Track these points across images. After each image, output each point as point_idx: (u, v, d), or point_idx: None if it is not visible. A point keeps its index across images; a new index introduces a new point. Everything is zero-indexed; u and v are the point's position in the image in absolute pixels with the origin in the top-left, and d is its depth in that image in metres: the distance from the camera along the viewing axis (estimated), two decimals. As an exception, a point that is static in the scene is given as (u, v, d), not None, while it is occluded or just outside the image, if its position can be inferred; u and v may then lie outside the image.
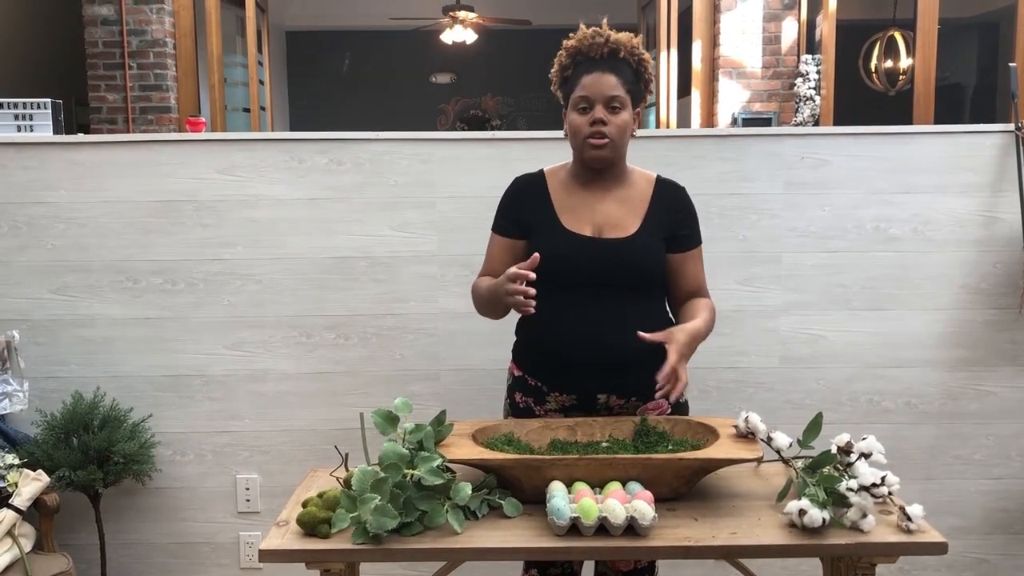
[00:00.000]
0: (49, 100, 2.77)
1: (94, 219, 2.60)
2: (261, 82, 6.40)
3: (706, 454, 1.67)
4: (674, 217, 1.94)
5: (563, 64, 1.91)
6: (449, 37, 8.11)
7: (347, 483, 1.61)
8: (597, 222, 1.90)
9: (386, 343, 2.64)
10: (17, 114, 2.75)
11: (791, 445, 1.77)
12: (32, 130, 2.74)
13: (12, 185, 2.59)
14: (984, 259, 2.63)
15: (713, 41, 5.49)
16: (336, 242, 2.62)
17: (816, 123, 4.99)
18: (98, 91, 5.53)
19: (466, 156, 2.60)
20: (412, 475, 1.58)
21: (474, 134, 2.65)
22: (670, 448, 1.73)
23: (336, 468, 1.76)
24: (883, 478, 1.59)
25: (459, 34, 8.02)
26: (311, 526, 1.55)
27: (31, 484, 2.32)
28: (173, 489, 2.70)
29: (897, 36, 5.79)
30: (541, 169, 2.00)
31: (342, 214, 2.61)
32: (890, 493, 1.61)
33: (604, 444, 1.78)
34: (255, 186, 2.60)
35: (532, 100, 9.76)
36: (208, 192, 2.60)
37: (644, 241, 1.89)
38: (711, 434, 1.75)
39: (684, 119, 5.77)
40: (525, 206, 1.95)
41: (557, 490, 1.57)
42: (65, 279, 2.61)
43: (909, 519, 1.53)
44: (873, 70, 5.93)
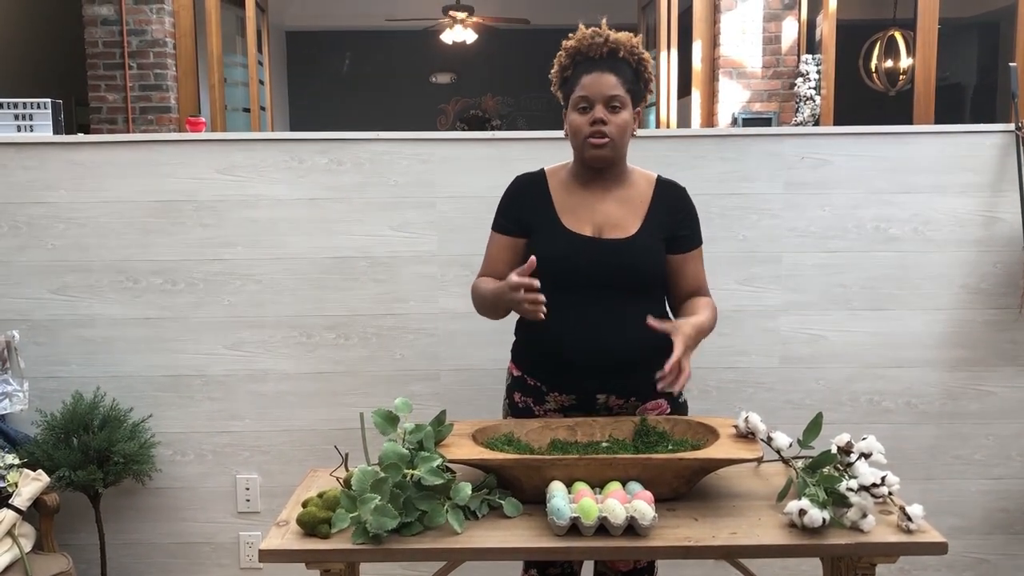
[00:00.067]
0: (49, 100, 2.77)
1: (94, 219, 2.60)
2: (261, 82, 6.40)
3: (706, 454, 1.67)
4: (674, 218, 1.94)
5: (563, 64, 1.91)
6: (449, 37, 8.11)
7: (347, 483, 1.61)
8: (597, 222, 1.90)
9: (386, 343, 2.65)
10: (17, 114, 2.75)
11: (791, 445, 1.77)
12: (32, 130, 2.74)
13: (12, 185, 2.59)
14: (984, 259, 2.63)
15: (713, 41, 5.49)
16: (336, 242, 2.62)
17: (816, 123, 4.99)
18: (98, 91, 5.53)
19: (466, 156, 2.60)
20: (412, 475, 1.58)
21: (474, 134, 2.65)
22: (670, 448, 1.73)
23: (336, 468, 1.76)
24: (883, 478, 1.59)
25: (459, 34, 8.01)
26: (311, 526, 1.55)
27: (31, 484, 2.32)
28: (173, 489, 2.70)
29: (897, 36, 5.79)
30: (542, 168, 2.00)
31: (342, 214, 2.61)
32: (890, 493, 1.62)
33: (604, 444, 1.78)
34: (255, 186, 2.60)
35: (532, 100, 9.75)
36: (208, 192, 2.60)
37: (644, 242, 1.89)
38: (711, 434, 1.75)
39: (684, 119, 5.77)
40: (526, 205, 1.95)
41: (557, 490, 1.57)
42: (65, 279, 2.61)
43: (909, 519, 1.53)
44: (873, 70, 5.93)
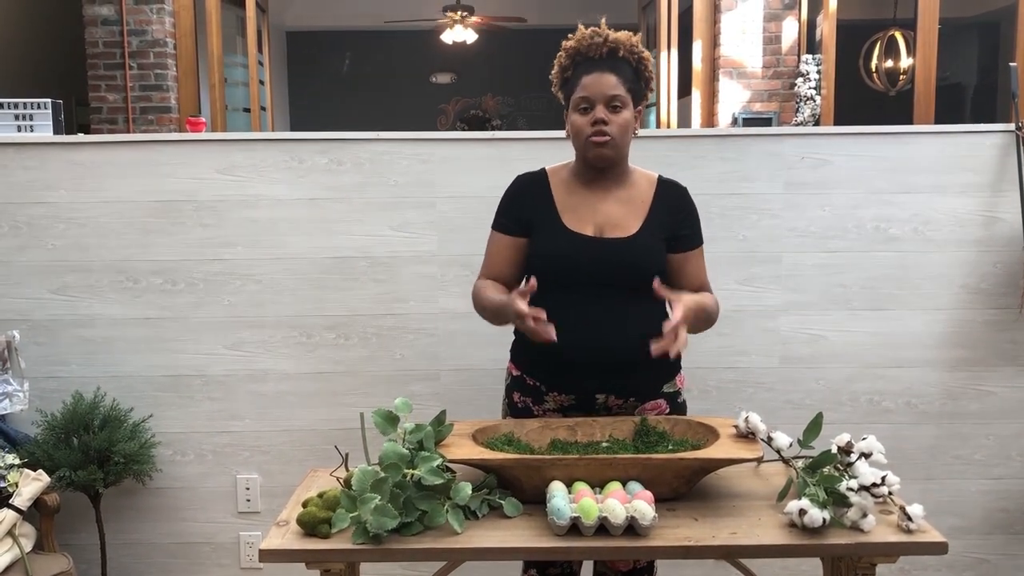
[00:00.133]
0: (49, 100, 2.76)
1: (94, 219, 2.60)
2: (261, 82, 6.39)
3: (706, 454, 1.67)
4: (675, 217, 1.94)
5: (563, 65, 1.91)
6: (449, 37, 8.10)
7: (347, 483, 1.61)
8: (598, 222, 1.90)
9: (386, 343, 2.64)
10: (17, 114, 2.74)
11: (791, 445, 1.77)
12: (32, 130, 2.74)
13: (12, 185, 2.59)
14: (984, 259, 2.63)
15: (713, 41, 5.49)
16: (336, 242, 2.62)
17: (816, 123, 4.99)
18: (98, 91, 5.53)
19: (466, 156, 2.60)
20: (412, 475, 1.58)
21: (474, 134, 2.65)
22: (670, 448, 1.73)
23: (336, 468, 1.76)
24: (883, 478, 1.59)
25: (459, 34, 8.01)
26: (311, 526, 1.55)
27: (31, 484, 2.33)
28: (173, 489, 2.70)
29: (897, 36, 5.78)
30: (543, 168, 1.99)
31: (342, 214, 2.61)
32: (890, 493, 1.61)
33: (604, 444, 1.78)
34: (255, 186, 2.60)
35: (532, 100, 9.75)
36: (208, 192, 2.60)
37: (645, 241, 1.89)
38: (711, 434, 1.75)
39: (684, 119, 5.77)
40: (527, 204, 1.95)
41: (557, 490, 1.57)
42: (65, 279, 2.61)
43: (909, 519, 1.53)
44: (873, 70, 5.92)
